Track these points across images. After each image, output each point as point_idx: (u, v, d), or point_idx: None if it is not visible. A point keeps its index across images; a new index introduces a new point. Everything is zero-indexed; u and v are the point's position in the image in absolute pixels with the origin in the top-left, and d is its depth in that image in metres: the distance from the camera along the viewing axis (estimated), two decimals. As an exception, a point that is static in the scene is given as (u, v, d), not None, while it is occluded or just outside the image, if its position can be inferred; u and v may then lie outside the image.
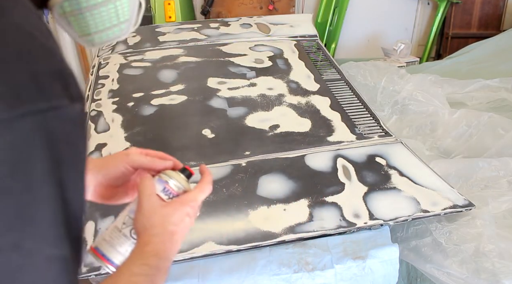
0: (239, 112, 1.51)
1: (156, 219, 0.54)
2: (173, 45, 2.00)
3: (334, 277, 1.02)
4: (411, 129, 1.77)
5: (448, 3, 3.71)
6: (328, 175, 1.22)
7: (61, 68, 0.33)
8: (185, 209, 0.57)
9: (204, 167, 0.63)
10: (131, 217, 0.59)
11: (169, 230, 0.54)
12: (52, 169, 0.31)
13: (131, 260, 0.51)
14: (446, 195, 1.15)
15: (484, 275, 1.00)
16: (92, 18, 0.49)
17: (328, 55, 1.99)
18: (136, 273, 0.49)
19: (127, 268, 0.50)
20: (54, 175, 0.31)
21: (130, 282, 0.48)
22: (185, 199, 0.58)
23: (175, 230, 0.54)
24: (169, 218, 0.55)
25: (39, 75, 0.30)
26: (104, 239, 0.60)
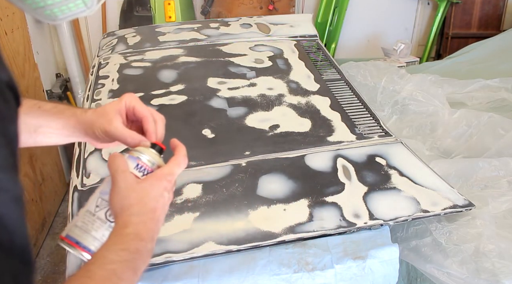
0: (239, 112, 1.51)
1: (133, 197, 0.51)
2: (173, 45, 2.00)
3: (334, 277, 1.02)
4: (411, 129, 1.77)
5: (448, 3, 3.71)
6: (328, 175, 1.22)
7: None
8: (162, 183, 0.54)
9: (176, 140, 0.62)
10: (105, 199, 0.55)
11: (149, 207, 0.51)
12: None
13: (107, 246, 0.47)
14: (446, 195, 1.15)
15: (484, 275, 1.00)
16: None
17: (328, 55, 1.99)
18: (114, 260, 0.45)
19: (103, 255, 0.46)
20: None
21: (107, 271, 0.43)
22: (161, 173, 0.56)
23: (155, 207, 0.52)
24: (148, 194, 0.52)
25: None
26: (76, 226, 0.54)
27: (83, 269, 0.44)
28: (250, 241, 1.02)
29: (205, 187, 1.17)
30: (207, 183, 1.18)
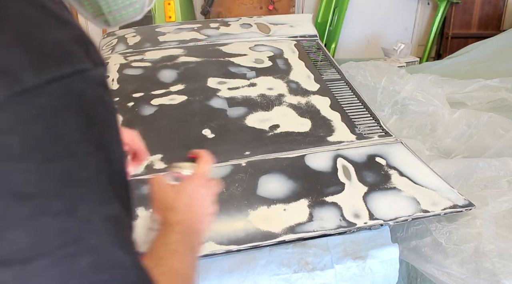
0: (239, 112, 1.51)
1: (169, 198, 0.57)
2: (173, 45, 2.00)
3: (334, 277, 1.02)
4: (411, 129, 1.77)
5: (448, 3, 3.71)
6: (328, 175, 1.22)
7: (80, 35, 0.33)
8: (194, 181, 0.60)
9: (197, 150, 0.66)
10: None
11: (184, 202, 0.57)
12: (88, 130, 0.30)
13: (160, 237, 0.52)
14: (446, 195, 1.15)
15: (484, 275, 1.00)
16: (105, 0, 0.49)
17: (328, 55, 1.99)
18: (172, 242, 0.51)
19: (161, 241, 0.51)
20: (92, 136, 0.31)
21: (169, 251, 0.49)
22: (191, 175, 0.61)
23: (190, 202, 0.57)
24: (181, 193, 0.58)
25: (59, 42, 0.30)
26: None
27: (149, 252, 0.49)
28: (250, 241, 1.02)
29: (205, 187, 1.17)
30: (207, 183, 1.18)
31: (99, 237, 0.31)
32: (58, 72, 0.29)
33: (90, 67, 0.31)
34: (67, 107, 0.29)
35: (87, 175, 0.30)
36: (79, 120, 0.30)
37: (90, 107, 0.31)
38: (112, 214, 0.32)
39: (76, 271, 0.29)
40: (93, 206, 0.31)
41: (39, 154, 0.28)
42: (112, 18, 0.52)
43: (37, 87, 0.28)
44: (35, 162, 0.27)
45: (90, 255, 0.30)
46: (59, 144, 0.29)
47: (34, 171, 0.27)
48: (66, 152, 0.29)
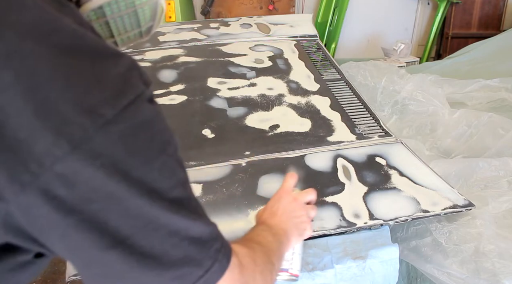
0: (239, 112, 1.51)
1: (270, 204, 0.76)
2: (173, 45, 2.00)
3: (334, 277, 1.02)
4: (411, 129, 1.77)
5: (448, 3, 3.71)
6: (328, 175, 1.22)
7: (132, 63, 0.40)
8: (278, 195, 0.77)
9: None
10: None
11: (271, 211, 0.73)
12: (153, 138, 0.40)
13: (253, 229, 0.66)
14: (446, 195, 1.15)
15: (484, 275, 1.00)
16: (115, 24, 0.53)
17: (328, 55, 1.99)
18: (262, 229, 0.65)
19: (252, 231, 0.65)
20: (156, 142, 0.40)
21: (259, 236, 0.62)
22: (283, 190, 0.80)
23: (275, 211, 0.73)
24: (270, 207, 0.75)
25: (121, 75, 0.38)
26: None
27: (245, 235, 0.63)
28: (250, 241, 1.02)
29: (205, 187, 1.17)
30: (207, 183, 1.18)
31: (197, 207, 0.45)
32: (126, 101, 0.37)
33: (144, 89, 0.39)
34: (135, 127, 0.38)
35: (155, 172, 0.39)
36: (147, 132, 0.39)
37: (151, 120, 0.39)
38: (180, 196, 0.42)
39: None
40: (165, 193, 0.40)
41: (122, 168, 0.37)
42: (120, 40, 0.56)
43: (114, 117, 0.36)
44: (120, 174, 0.37)
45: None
46: (134, 157, 0.38)
47: (121, 181, 0.37)
48: (140, 161, 0.38)
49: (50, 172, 0.34)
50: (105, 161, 0.36)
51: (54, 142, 0.34)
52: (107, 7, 0.51)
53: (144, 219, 0.38)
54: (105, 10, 0.51)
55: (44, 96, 0.34)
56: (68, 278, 0.94)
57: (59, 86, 0.35)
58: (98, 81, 0.36)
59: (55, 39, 0.36)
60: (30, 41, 0.35)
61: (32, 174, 0.34)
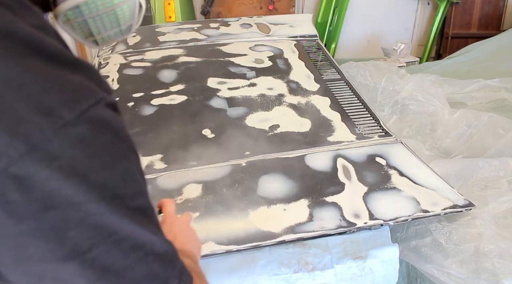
0: (239, 112, 1.51)
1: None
2: (173, 45, 2.00)
3: (334, 277, 1.02)
4: (411, 129, 1.77)
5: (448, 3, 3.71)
6: (328, 175, 1.22)
7: (93, 73, 0.40)
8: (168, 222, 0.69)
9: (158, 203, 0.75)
10: None
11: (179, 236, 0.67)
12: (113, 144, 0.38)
13: None
14: (446, 195, 1.15)
15: (484, 275, 1.00)
16: (94, 23, 0.53)
17: (328, 55, 1.99)
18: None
19: None
20: (116, 148, 0.39)
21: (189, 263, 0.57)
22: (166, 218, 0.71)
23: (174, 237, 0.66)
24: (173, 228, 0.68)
25: (80, 81, 0.37)
26: None
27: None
28: (250, 241, 1.02)
29: (205, 187, 1.17)
30: (207, 183, 1.18)
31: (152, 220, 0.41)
32: (86, 104, 0.36)
33: (105, 95, 0.39)
34: (96, 130, 0.37)
35: (117, 177, 0.38)
36: (108, 136, 0.38)
37: (113, 125, 0.38)
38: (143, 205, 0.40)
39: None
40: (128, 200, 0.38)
41: (82, 170, 0.35)
42: (100, 38, 0.56)
43: (73, 119, 0.35)
44: (80, 177, 0.35)
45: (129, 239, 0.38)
46: (94, 160, 0.36)
47: (80, 184, 0.35)
48: (101, 165, 0.37)
49: (4, 174, 0.33)
50: (63, 163, 0.34)
51: (9, 142, 0.33)
52: (85, 6, 0.51)
53: (105, 228, 0.36)
54: (82, 10, 0.51)
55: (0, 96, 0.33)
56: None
57: (14, 86, 0.34)
58: (57, 83, 0.36)
59: (11, 42, 0.35)
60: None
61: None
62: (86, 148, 0.36)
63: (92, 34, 0.55)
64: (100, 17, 0.53)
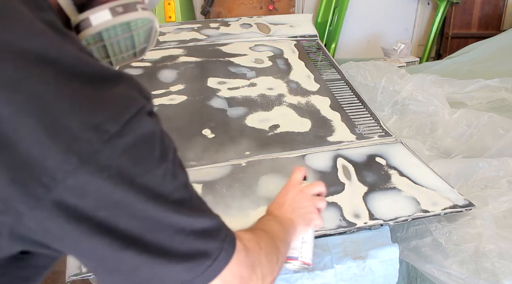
0: (239, 112, 1.51)
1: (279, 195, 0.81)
2: (173, 45, 2.00)
3: (334, 277, 1.02)
4: (411, 129, 1.77)
5: (448, 3, 3.71)
6: (328, 175, 1.22)
7: (132, 82, 0.44)
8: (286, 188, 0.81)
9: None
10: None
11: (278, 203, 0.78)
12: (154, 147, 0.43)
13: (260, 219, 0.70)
14: (446, 195, 1.15)
15: (484, 275, 1.00)
16: (112, 47, 0.57)
17: (328, 55, 1.99)
18: (267, 219, 0.69)
19: (259, 221, 0.69)
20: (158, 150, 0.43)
21: (264, 224, 0.66)
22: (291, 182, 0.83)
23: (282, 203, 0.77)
24: (278, 199, 0.80)
25: (122, 92, 0.42)
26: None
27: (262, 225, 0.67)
28: (250, 241, 1.02)
29: (205, 187, 1.17)
30: (207, 183, 1.18)
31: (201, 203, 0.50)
32: (128, 116, 0.40)
33: (145, 103, 0.43)
34: (138, 139, 0.41)
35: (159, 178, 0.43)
36: (149, 143, 0.42)
37: (152, 132, 0.43)
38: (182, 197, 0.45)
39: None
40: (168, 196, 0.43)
41: (128, 177, 0.40)
42: (115, 60, 0.60)
43: (118, 132, 0.39)
44: (126, 183, 0.40)
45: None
46: (138, 167, 0.41)
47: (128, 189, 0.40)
48: (144, 170, 0.41)
49: (62, 186, 0.37)
50: (112, 172, 0.39)
51: (64, 158, 0.37)
52: (105, 33, 0.54)
53: (151, 221, 0.41)
54: (103, 35, 0.54)
55: (53, 116, 0.37)
56: (68, 278, 0.94)
57: (66, 107, 0.38)
58: (101, 100, 0.40)
59: (61, 65, 0.39)
60: (38, 67, 0.38)
61: (46, 188, 0.37)
62: (130, 156, 0.40)
63: (108, 56, 0.58)
64: (118, 42, 0.56)
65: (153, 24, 0.60)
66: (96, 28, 0.53)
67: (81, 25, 0.52)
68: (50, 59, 0.39)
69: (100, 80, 0.41)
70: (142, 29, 0.58)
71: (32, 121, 0.37)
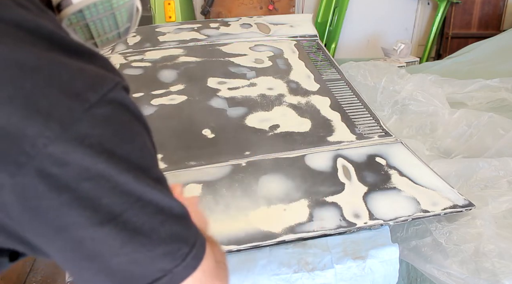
0: (239, 112, 1.51)
1: None
2: (173, 45, 2.00)
3: (334, 277, 1.02)
4: (411, 129, 1.77)
5: (448, 3, 3.71)
6: (328, 175, 1.22)
7: (105, 60, 0.45)
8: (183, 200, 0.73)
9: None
10: None
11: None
12: (132, 121, 0.43)
13: None
14: (446, 195, 1.15)
15: (484, 275, 1.00)
16: (95, 27, 0.57)
17: (328, 55, 1.99)
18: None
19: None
20: (135, 124, 0.44)
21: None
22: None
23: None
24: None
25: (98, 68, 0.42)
26: None
27: None
28: (250, 241, 1.02)
29: (205, 187, 1.17)
30: (207, 183, 1.18)
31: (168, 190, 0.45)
32: (107, 87, 0.41)
33: (120, 80, 0.43)
34: (116, 110, 0.41)
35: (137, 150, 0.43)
36: (126, 116, 0.42)
37: (129, 105, 0.43)
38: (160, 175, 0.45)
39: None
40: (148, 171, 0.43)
41: (109, 146, 0.40)
42: (100, 41, 0.60)
43: (97, 101, 0.39)
44: (108, 152, 0.39)
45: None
46: (118, 136, 0.41)
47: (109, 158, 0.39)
48: (123, 140, 0.41)
49: (44, 153, 0.37)
50: (92, 141, 0.39)
51: (45, 125, 0.37)
52: (87, 11, 0.54)
53: (132, 195, 0.41)
54: (84, 14, 0.54)
55: (32, 83, 0.37)
56: (68, 278, 0.94)
57: (45, 75, 0.38)
58: (80, 71, 0.40)
59: (39, 35, 0.40)
60: (15, 36, 0.39)
61: (27, 155, 0.37)
62: (110, 126, 0.40)
63: (92, 37, 0.58)
64: (100, 21, 0.57)
65: (134, 2, 0.60)
66: (77, 6, 0.53)
67: (61, 4, 0.53)
68: (28, 29, 0.39)
69: (76, 54, 0.42)
70: (124, 7, 0.58)
71: (12, 89, 0.37)
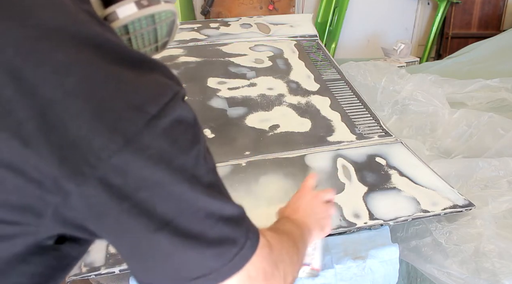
0: (239, 112, 1.51)
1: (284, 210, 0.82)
2: (173, 45, 2.00)
3: (334, 277, 1.02)
4: (411, 129, 1.77)
5: (448, 3, 3.71)
6: (328, 175, 1.22)
7: (166, 70, 0.47)
8: (300, 193, 0.84)
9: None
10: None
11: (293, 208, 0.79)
12: (190, 129, 0.46)
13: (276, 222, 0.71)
14: (446, 195, 1.15)
15: (484, 275, 1.00)
16: (136, 40, 0.59)
17: (328, 55, 1.99)
18: (285, 221, 0.71)
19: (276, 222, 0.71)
20: (193, 132, 0.46)
21: (283, 225, 0.68)
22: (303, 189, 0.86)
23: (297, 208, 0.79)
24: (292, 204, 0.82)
25: (159, 78, 0.45)
26: None
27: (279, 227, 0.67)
28: (250, 241, 1.02)
29: (205, 187, 1.17)
30: (207, 183, 1.18)
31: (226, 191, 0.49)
32: (167, 98, 0.43)
33: (179, 89, 0.46)
34: (174, 121, 0.43)
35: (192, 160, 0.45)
36: (183, 126, 0.45)
37: (186, 114, 0.46)
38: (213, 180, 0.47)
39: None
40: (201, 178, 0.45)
41: (167, 157, 0.42)
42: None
43: (158, 113, 0.41)
44: (165, 163, 0.42)
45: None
46: (175, 148, 0.43)
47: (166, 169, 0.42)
48: (180, 151, 0.43)
49: (107, 164, 0.39)
50: (152, 152, 0.41)
51: (110, 138, 0.39)
52: (131, 25, 0.56)
53: (185, 202, 0.43)
54: (128, 28, 0.56)
55: (100, 97, 0.40)
56: (68, 278, 0.94)
57: (112, 89, 0.40)
58: (142, 83, 0.43)
59: (106, 49, 0.42)
60: (86, 52, 0.41)
61: (91, 167, 0.39)
62: (168, 138, 0.42)
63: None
64: (142, 35, 0.58)
65: (175, 17, 0.61)
66: (123, 20, 0.55)
67: (108, 18, 0.54)
68: (96, 44, 0.42)
69: (139, 65, 0.44)
70: (165, 22, 0.60)
71: (82, 103, 0.39)
